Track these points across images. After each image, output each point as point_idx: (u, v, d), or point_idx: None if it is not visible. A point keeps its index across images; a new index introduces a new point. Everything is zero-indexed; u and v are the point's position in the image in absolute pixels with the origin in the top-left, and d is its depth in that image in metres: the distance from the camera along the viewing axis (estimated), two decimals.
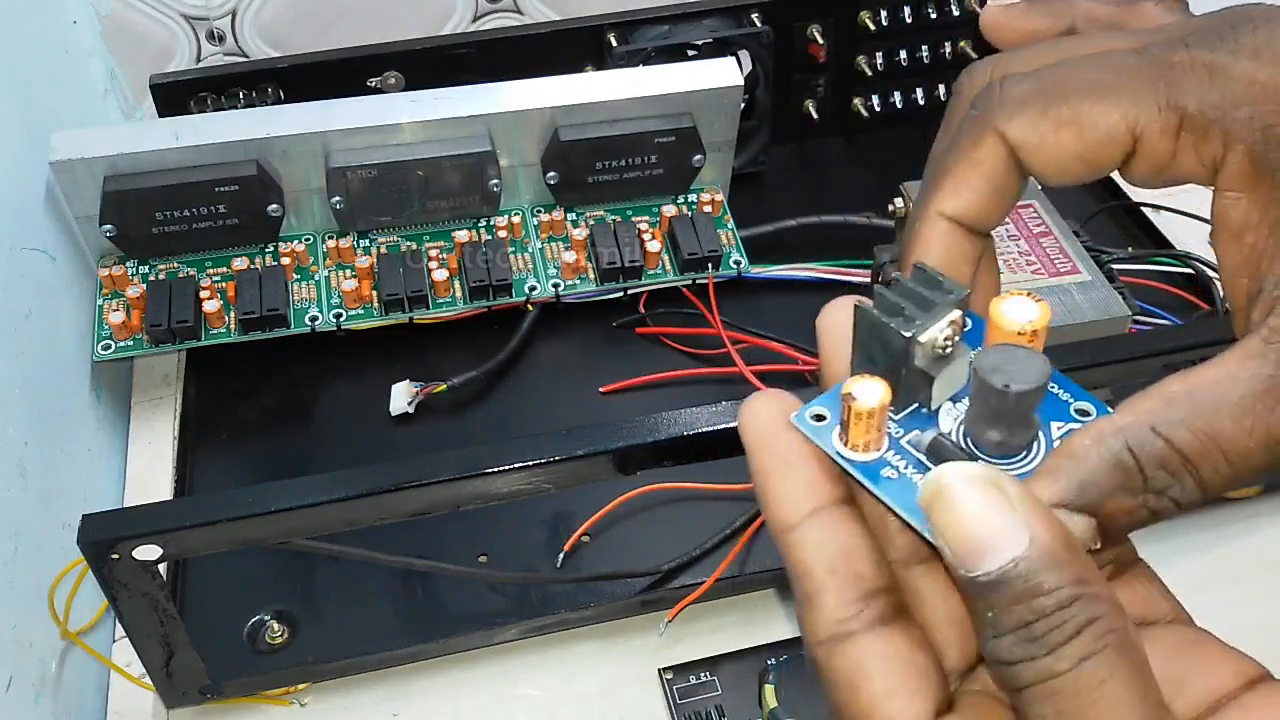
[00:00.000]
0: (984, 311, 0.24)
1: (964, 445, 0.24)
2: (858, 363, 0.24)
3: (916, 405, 0.24)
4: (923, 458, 0.24)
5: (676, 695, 0.48)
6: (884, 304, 0.23)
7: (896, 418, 0.24)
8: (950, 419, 0.24)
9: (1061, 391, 0.25)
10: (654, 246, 0.61)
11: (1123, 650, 0.20)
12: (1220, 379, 0.22)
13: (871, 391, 0.23)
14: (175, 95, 0.63)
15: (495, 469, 0.40)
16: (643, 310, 0.62)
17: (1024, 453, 0.24)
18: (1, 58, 0.55)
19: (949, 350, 0.24)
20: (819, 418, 0.24)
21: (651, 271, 0.61)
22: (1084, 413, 0.24)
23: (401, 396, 0.58)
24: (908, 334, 0.23)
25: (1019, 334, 0.23)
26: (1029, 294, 0.23)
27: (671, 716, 0.47)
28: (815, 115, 0.71)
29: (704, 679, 0.48)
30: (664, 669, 0.49)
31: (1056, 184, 0.25)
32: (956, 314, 0.23)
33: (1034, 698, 0.20)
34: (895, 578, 0.23)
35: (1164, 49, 0.24)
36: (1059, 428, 0.24)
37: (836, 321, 0.26)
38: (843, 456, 0.24)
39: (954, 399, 0.24)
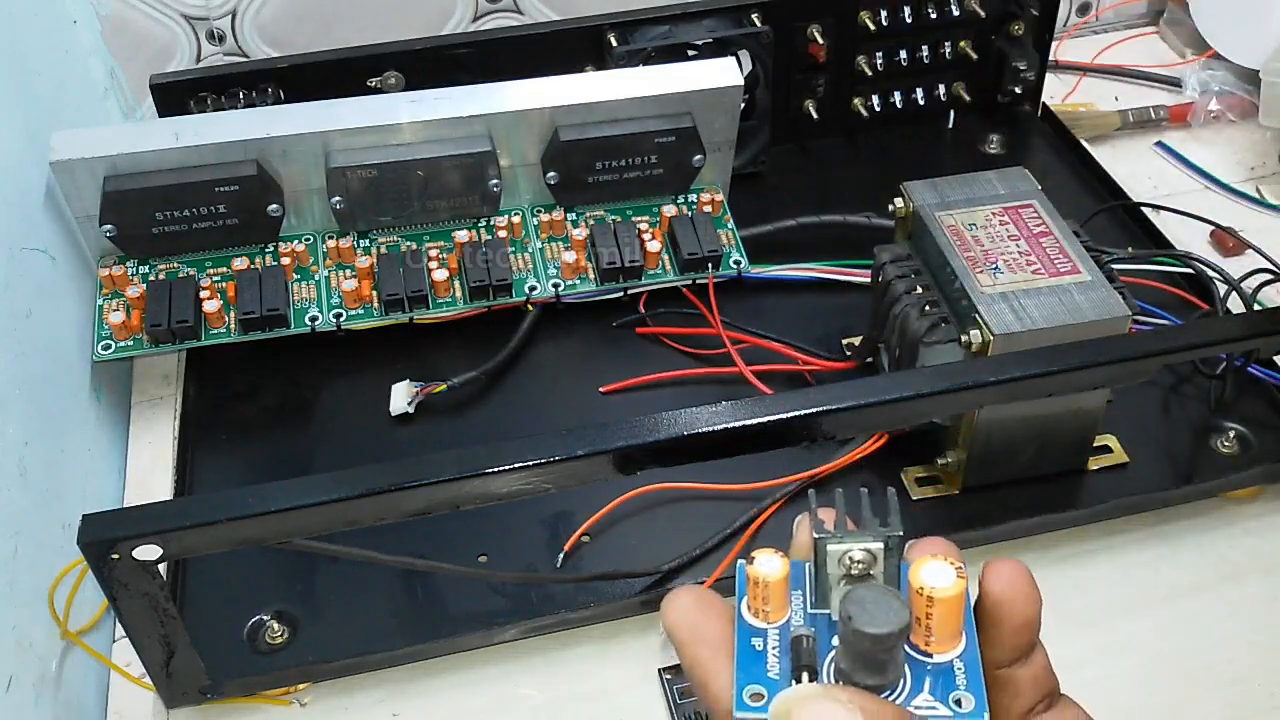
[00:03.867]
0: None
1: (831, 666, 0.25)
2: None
3: (827, 613, 0.26)
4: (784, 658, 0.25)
5: (676, 695, 0.48)
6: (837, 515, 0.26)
7: (803, 612, 0.26)
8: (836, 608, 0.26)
9: (960, 668, 0.25)
10: (654, 246, 0.61)
11: None
12: None
13: (770, 565, 0.25)
14: (175, 95, 0.63)
15: (495, 469, 0.40)
16: (643, 310, 0.62)
17: (888, 690, 0.25)
18: (1, 58, 0.55)
19: (858, 572, 0.26)
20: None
21: (651, 271, 0.61)
22: (959, 704, 0.25)
23: (401, 396, 0.58)
24: (819, 536, 0.26)
25: (917, 592, 0.24)
26: (957, 566, 0.25)
27: (671, 716, 0.47)
28: (815, 115, 0.71)
29: None
30: (664, 669, 0.49)
31: None
32: (876, 545, 0.26)
33: None
34: None
35: None
36: (925, 701, 0.25)
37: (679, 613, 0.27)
38: (740, 617, 0.26)
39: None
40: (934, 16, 0.69)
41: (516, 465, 0.40)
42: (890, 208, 0.54)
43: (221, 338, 0.57)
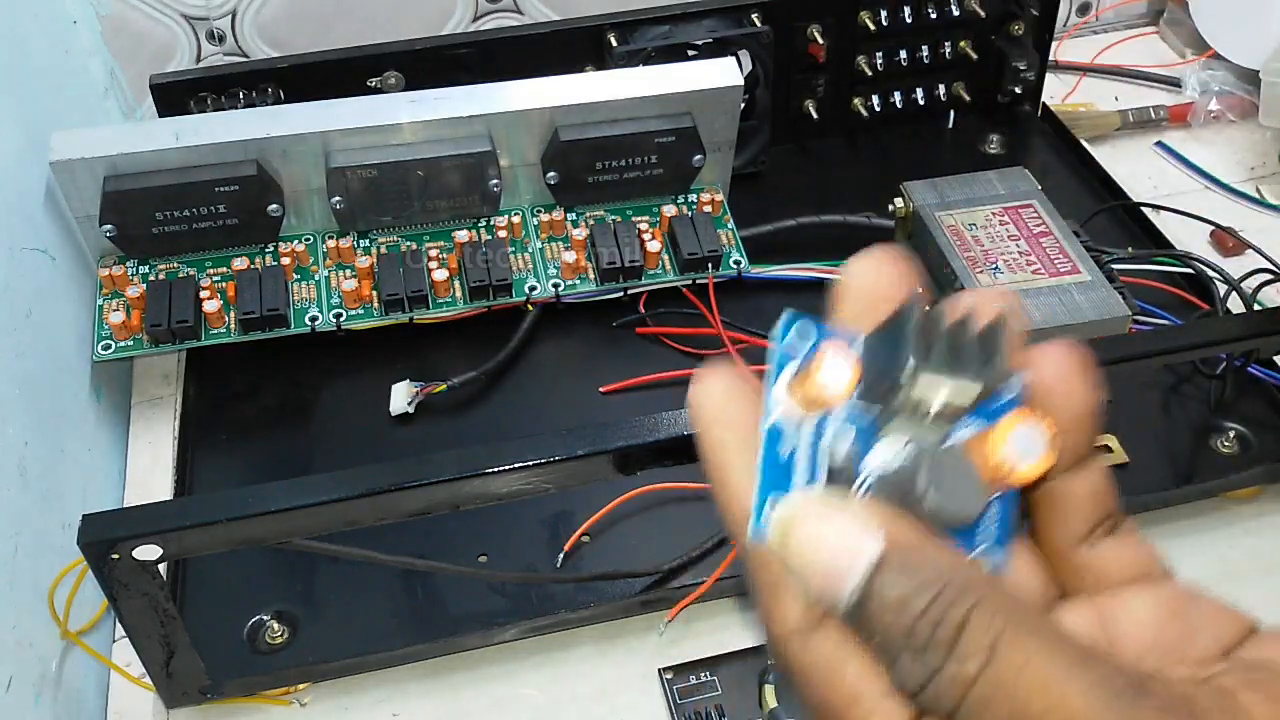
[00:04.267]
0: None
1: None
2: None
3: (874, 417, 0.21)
4: (822, 470, 0.21)
5: (676, 695, 0.48)
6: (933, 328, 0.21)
7: (848, 412, 0.21)
8: (894, 450, 0.21)
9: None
10: (654, 246, 0.61)
11: (1025, 625, 0.19)
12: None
13: (837, 373, 0.21)
14: (175, 95, 0.63)
15: (495, 469, 0.40)
16: (643, 310, 0.62)
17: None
18: (1, 58, 0.55)
19: (929, 418, 0.21)
20: (803, 334, 0.22)
21: (651, 271, 0.61)
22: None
23: (401, 396, 0.58)
24: (911, 363, 0.20)
25: (995, 466, 0.21)
26: (1053, 430, 0.21)
27: (671, 716, 0.47)
28: (815, 115, 0.71)
29: (704, 679, 0.48)
30: (664, 669, 0.49)
31: None
32: (974, 388, 0.20)
33: (974, 714, 0.19)
34: None
35: None
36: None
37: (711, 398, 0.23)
38: (769, 400, 0.21)
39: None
40: (934, 16, 0.69)
41: (516, 465, 0.40)
42: (890, 208, 0.54)
43: (221, 338, 0.57)
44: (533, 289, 0.60)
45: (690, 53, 0.64)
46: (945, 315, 0.21)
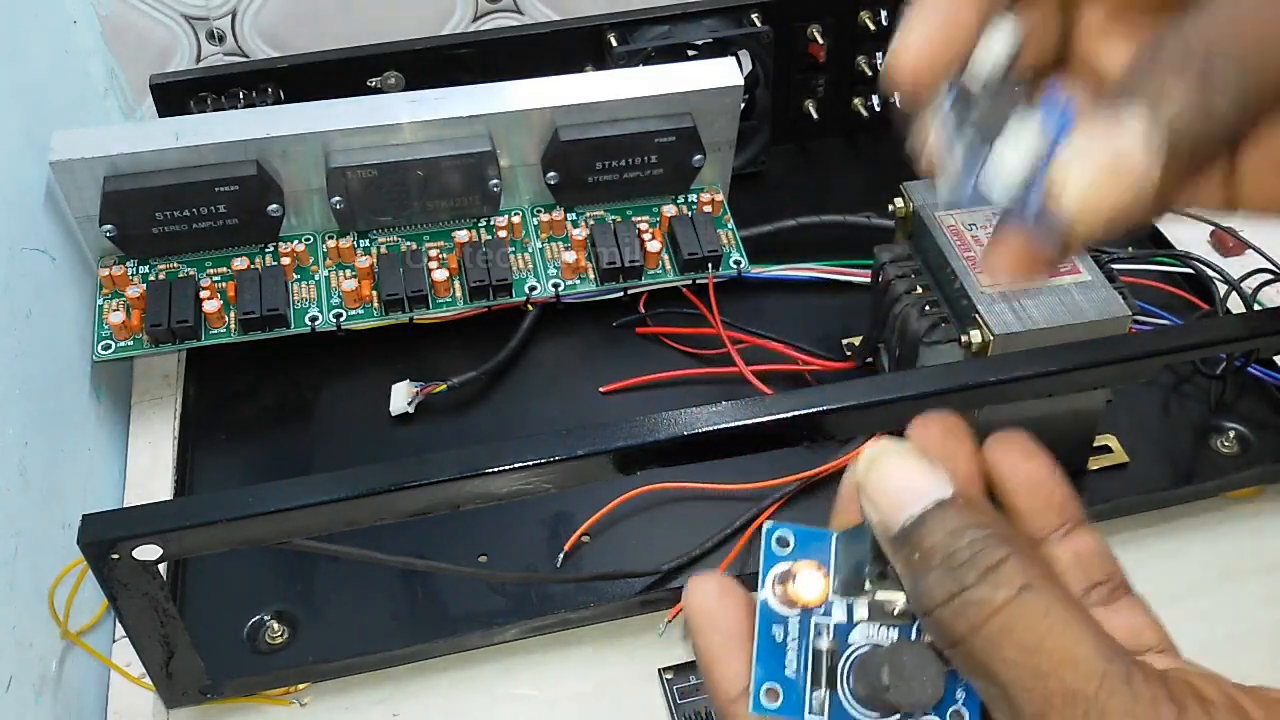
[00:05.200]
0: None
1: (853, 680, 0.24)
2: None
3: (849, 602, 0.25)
4: (809, 658, 0.25)
5: (676, 695, 0.48)
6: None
7: (826, 608, 0.25)
8: (864, 638, 0.25)
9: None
10: (654, 246, 0.61)
11: (1052, 581, 0.21)
12: None
13: (811, 586, 0.25)
14: (175, 95, 0.63)
15: (495, 469, 0.40)
16: (643, 310, 0.62)
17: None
18: (1, 58, 0.55)
19: (893, 616, 0.25)
20: (782, 542, 0.26)
21: (651, 271, 0.61)
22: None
23: (401, 396, 0.58)
24: (868, 585, 0.24)
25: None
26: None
27: (671, 716, 0.47)
28: (815, 115, 0.71)
29: None
30: (664, 669, 0.49)
31: None
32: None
33: (989, 641, 0.21)
34: None
35: None
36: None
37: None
38: (762, 601, 0.25)
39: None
40: None
41: (516, 465, 0.40)
42: (890, 208, 0.54)
43: (221, 338, 0.57)
44: (533, 289, 0.60)
45: (690, 53, 0.64)
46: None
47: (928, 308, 0.51)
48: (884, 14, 0.68)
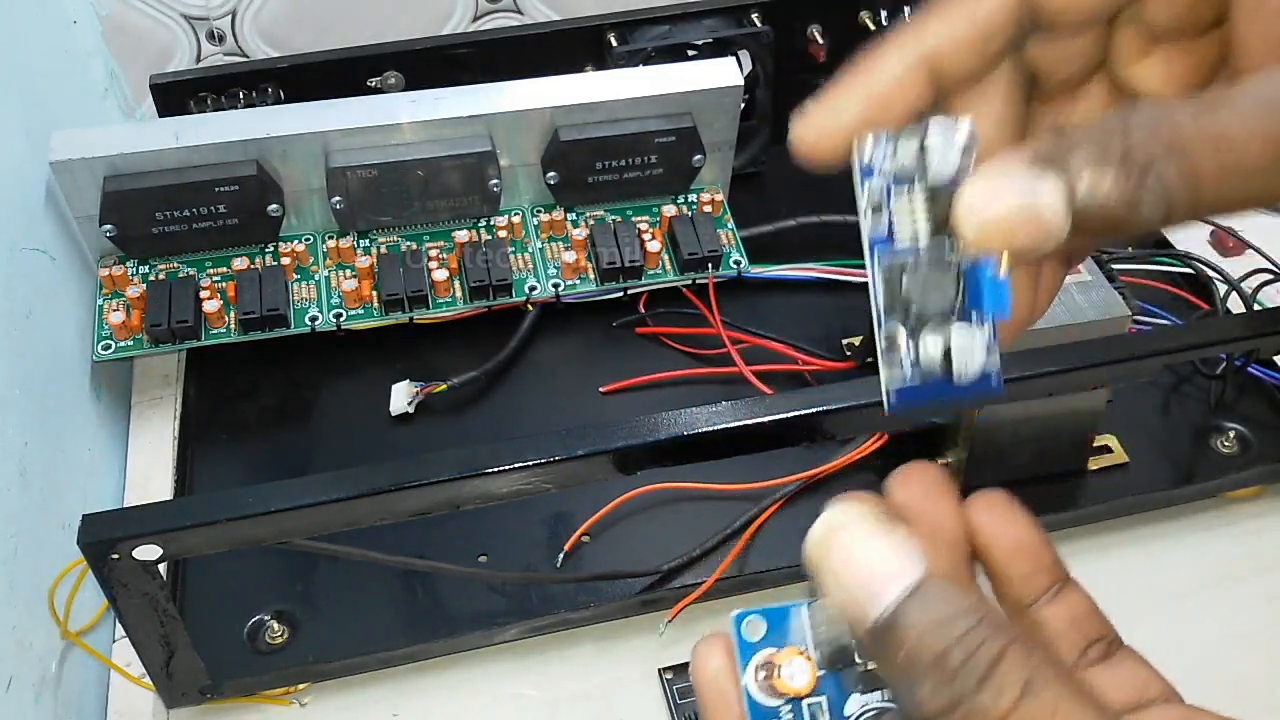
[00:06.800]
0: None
1: None
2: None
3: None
4: None
5: (676, 695, 0.48)
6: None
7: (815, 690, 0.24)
8: (859, 707, 0.24)
9: None
10: (654, 246, 0.61)
11: (1055, 671, 0.19)
12: (1231, 90, 0.20)
13: (798, 676, 0.23)
14: (175, 95, 0.63)
15: (495, 469, 0.40)
16: (643, 310, 0.62)
17: None
18: (1, 58, 0.55)
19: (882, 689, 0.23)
20: (753, 629, 0.25)
21: (651, 271, 0.61)
22: None
23: (401, 396, 0.58)
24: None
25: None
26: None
27: (671, 716, 0.47)
28: None
29: None
30: (664, 669, 0.49)
31: (1072, 27, 0.23)
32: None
33: None
34: None
35: None
36: None
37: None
38: (747, 695, 0.24)
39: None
40: None
41: (516, 465, 0.40)
42: None
43: (221, 338, 0.57)
44: (533, 289, 0.60)
45: (690, 53, 0.64)
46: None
47: None
48: (884, 14, 0.68)
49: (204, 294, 0.57)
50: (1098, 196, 0.20)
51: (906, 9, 0.69)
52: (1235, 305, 0.59)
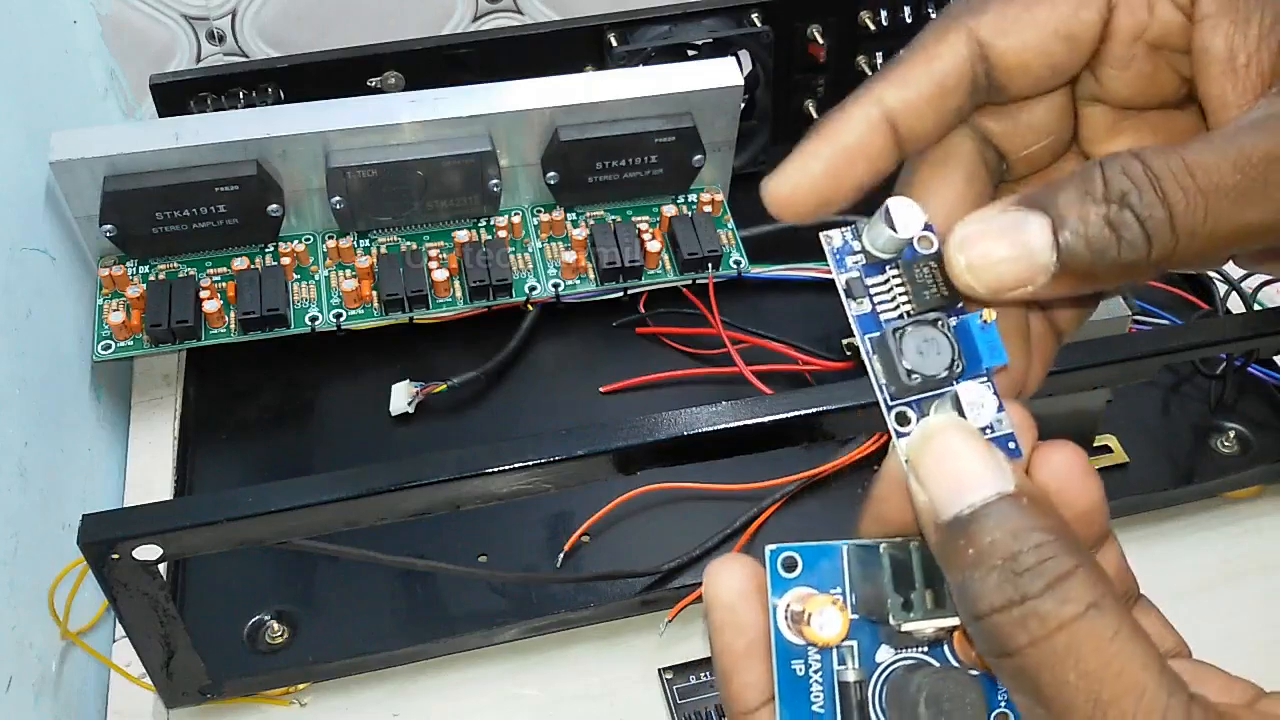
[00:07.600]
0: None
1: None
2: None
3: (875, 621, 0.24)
4: (836, 691, 0.23)
5: (676, 695, 0.48)
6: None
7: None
8: (890, 658, 0.23)
9: None
10: (654, 246, 0.61)
11: (1119, 602, 0.19)
12: (1203, 132, 0.21)
13: (830, 624, 0.23)
14: (175, 95, 0.63)
15: (495, 469, 0.40)
16: (643, 310, 0.62)
17: None
18: (1, 58, 0.55)
19: (923, 643, 0.23)
20: (789, 565, 0.24)
21: (651, 271, 0.61)
22: None
23: (401, 396, 0.58)
24: (892, 621, 0.23)
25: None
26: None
27: (671, 716, 0.47)
28: (815, 115, 0.71)
29: (704, 679, 0.48)
30: (664, 669, 0.49)
31: (1027, 89, 0.24)
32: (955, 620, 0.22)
33: (1048, 659, 0.19)
34: None
35: None
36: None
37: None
38: (776, 630, 0.23)
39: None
40: (934, 16, 0.69)
41: (516, 465, 0.40)
42: None
43: (221, 338, 0.57)
44: (533, 289, 0.60)
45: (690, 53, 0.64)
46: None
47: None
48: (884, 14, 0.68)
49: (204, 294, 0.57)
50: (1080, 232, 0.20)
51: (905, 9, 0.69)
52: (1235, 305, 0.59)
